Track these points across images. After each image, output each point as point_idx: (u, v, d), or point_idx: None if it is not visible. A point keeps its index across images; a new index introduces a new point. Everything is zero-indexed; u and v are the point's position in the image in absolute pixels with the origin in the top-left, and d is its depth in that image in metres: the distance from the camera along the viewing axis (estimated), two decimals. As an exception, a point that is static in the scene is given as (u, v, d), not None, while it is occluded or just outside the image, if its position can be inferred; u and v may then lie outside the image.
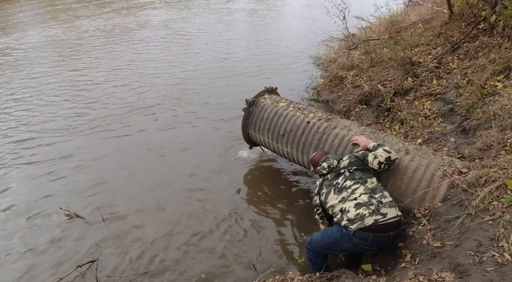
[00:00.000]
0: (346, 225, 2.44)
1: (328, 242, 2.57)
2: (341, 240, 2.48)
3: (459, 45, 4.96)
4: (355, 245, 2.44)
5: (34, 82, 7.09)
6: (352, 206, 2.47)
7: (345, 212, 2.49)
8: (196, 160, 4.53)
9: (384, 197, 2.49)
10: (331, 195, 2.65)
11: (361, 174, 2.67)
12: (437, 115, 4.14)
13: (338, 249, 2.58)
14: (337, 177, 2.71)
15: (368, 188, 2.55)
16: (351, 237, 2.41)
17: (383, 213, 2.39)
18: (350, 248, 2.49)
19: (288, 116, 3.71)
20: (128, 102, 6.08)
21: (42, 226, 3.51)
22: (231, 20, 12.26)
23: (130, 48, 9.07)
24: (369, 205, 2.43)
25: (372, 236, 2.38)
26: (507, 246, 2.01)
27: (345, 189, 2.60)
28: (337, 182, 2.68)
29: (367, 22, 9.10)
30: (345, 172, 2.71)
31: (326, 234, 2.61)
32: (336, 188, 2.65)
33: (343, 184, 2.64)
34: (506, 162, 2.57)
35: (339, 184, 2.66)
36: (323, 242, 2.61)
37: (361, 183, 2.59)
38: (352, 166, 2.73)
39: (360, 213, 2.41)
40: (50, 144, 4.92)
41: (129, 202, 3.82)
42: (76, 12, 13.55)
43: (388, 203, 2.46)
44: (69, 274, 2.91)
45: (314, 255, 2.69)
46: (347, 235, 2.43)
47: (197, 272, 2.98)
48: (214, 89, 6.60)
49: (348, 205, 2.50)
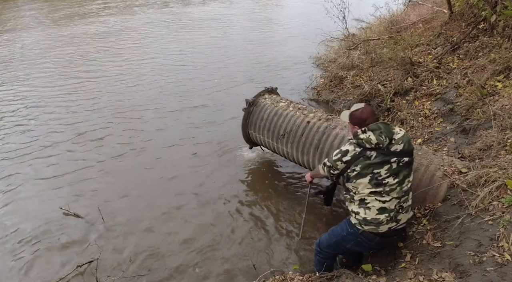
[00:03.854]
0: (357, 223, 2.32)
1: (335, 241, 2.50)
2: (347, 238, 2.43)
3: (459, 45, 4.96)
4: (359, 243, 2.39)
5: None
6: (376, 207, 2.25)
7: (365, 207, 2.27)
8: (196, 159, 4.53)
9: (407, 201, 2.32)
10: (363, 181, 2.26)
11: (407, 170, 2.29)
12: (437, 115, 4.15)
13: (343, 248, 2.52)
14: (382, 165, 2.22)
15: (402, 191, 2.28)
16: (357, 235, 2.36)
17: (398, 220, 2.29)
18: (353, 247, 2.45)
19: (288, 116, 3.71)
20: (127, 102, 6.09)
21: (42, 226, 3.51)
22: (230, 20, 12.26)
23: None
24: (391, 211, 2.25)
25: (378, 239, 2.34)
26: (507, 246, 2.01)
27: (383, 186, 2.24)
28: (379, 173, 2.23)
29: (367, 22, 9.11)
30: (393, 163, 2.24)
31: (333, 232, 2.54)
32: (374, 179, 2.24)
33: (384, 179, 2.23)
34: (506, 162, 2.57)
35: (381, 176, 2.23)
36: (330, 241, 2.54)
37: (399, 183, 2.26)
38: (404, 156, 2.26)
39: (379, 219, 2.25)
40: (50, 144, 4.92)
41: (129, 202, 3.81)
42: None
43: (407, 208, 2.33)
44: (69, 274, 2.91)
45: (324, 257, 2.61)
46: (354, 234, 2.37)
47: (198, 273, 2.98)
48: (214, 89, 6.61)
49: (373, 203, 2.25)
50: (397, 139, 2.25)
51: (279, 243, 3.26)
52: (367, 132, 2.25)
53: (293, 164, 4.05)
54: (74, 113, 5.73)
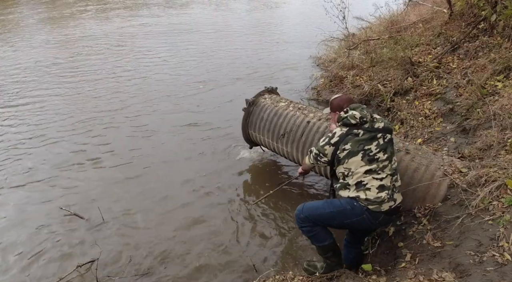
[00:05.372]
0: (361, 201, 2.25)
1: (330, 211, 2.32)
2: (350, 212, 2.27)
3: (459, 45, 4.96)
4: (363, 220, 2.28)
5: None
6: (375, 186, 2.25)
7: (364, 189, 2.26)
8: (196, 160, 4.53)
9: (397, 180, 2.38)
10: (356, 159, 2.27)
11: (391, 147, 2.36)
12: (437, 115, 4.15)
13: (338, 221, 2.34)
14: (370, 141, 2.29)
15: (392, 168, 2.32)
16: (363, 212, 2.25)
17: (395, 199, 2.32)
18: (354, 223, 2.31)
19: (288, 116, 3.71)
20: (126, 100, 6.09)
21: (42, 226, 3.51)
22: (230, 20, 12.26)
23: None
24: (388, 189, 2.27)
25: (382, 217, 2.30)
26: (507, 246, 2.01)
27: (376, 162, 2.27)
28: (369, 149, 2.27)
29: (367, 21, 9.11)
30: (379, 139, 2.31)
31: (332, 203, 2.35)
32: (366, 155, 2.27)
33: (376, 154, 2.27)
34: (506, 161, 2.57)
35: (372, 151, 2.27)
36: (323, 210, 2.34)
37: (389, 160, 2.30)
38: (387, 133, 2.34)
39: (381, 197, 2.24)
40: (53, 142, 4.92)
41: (129, 202, 3.81)
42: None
43: (398, 187, 2.38)
44: (69, 274, 2.91)
45: (310, 225, 2.37)
46: (359, 208, 2.25)
47: (197, 273, 2.98)
48: (213, 89, 6.61)
49: (371, 183, 2.25)
50: (378, 119, 2.39)
51: (279, 243, 3.26)
52: (349, 111, 2.38)
53: (293, 164, 4.06)
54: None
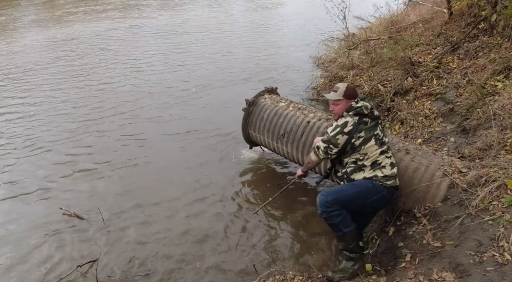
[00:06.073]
0: (378, 179, 2.47)
1: (356, 191, 2.45)
2: (372, 190, 2.45)
3: (459, 45, 4.96)
4: (383, 197, 2.47)
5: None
6: (388, 164, 2.52)
7: (380, 167, 2.50)
8: (195, 160, 4.53)
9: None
10: (371, 144, 2.50)
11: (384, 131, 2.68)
12: (437, 115, 4.15)
13: (361, 201, 2.46)
14: (375, 127, 2.55)
15: (390, 149, 2.66)
16: (383, 189, 2.46)
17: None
18: (374, 201, 2.47)
19: (288, 116, 3.71)
20: (124, 100, 6.09)
21: (42, 226, 3.51)
22: (230, 19, 12.26)
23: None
24: (395, 166, 2.57)
25: (396, 194, 2.58)
26: (507, 246, 2.01)
27: (384, 144, 2.56)
28: (377, 133, 2.54)
29: (367, 21, 9.11)
30: (380, 124, 2.59)
31: (353, 184, 2.51)
32: (378, 139, 2.52)
33: (382, 138, 2.56)
34: (506, 161, 2.58)
35: (380, 136, 2.54)
36: (347, 191, 2.46)
37: (388, 142, 2.62)
38: (380, 119, 2.64)
39: (395, 172, 2.53)
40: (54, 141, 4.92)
41: (129, 202, 3.81)
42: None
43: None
44: (69, 274, 2.91)
45: (338, 207, 2.39)
46: (379, 186, 2.46)
47: (197, 273, 2.97)
48: (213, 89, 6.60)
49: (385, 161, 2.51)
50: (373, 107, 2.63)
51: (279, 243, 3.26)
52: (359, 102, 2.57)
53: (293, 163, 4.06)
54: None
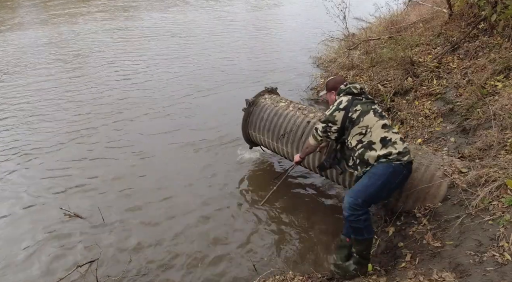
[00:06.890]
0: (395, 157, 2.31)
1: (382, 182, 2.29)
2: (394, 174, 2.30)
3: (459, 45, 4.96)
4: (404, 177, 2.39)
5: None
6: (398, 139, 2.39)
7: (391, 145, 2.35)
8: (196, 160, 4.53)
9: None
10: (370, 116, 2.41)
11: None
12: (437, 115, 4.15)
13: (387, 189, 2.36)
14: (372, 104, 2.50)
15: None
16: (402, 168, 2.33)
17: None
18: (398, 183, 2.38)
19: (288, 116, 3.71)
20: (123, 100, 6.10)
21: (42, 226, 3.51)
22: (229, 20, 12.26)
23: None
24: (405, 141, 2.47)
25: (411, 167, 2.47)
26: (507, 246, 2.01)
27: (386, 118, 2.46)
28: (375, 108, 2.46)
29: (367, 22, 9.11)
30: (376, 105, 2.55)
31: (374, 175, 2.31)
32: (376, 112, 2.44)
33: (381, 113, 2.48)
34: (506, 161, 2.57)
35: (378, 110, 2.47)
36: (374, 186, 2.28)
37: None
38: (377, 102, 2.64)
39: (407, 147, 2.41)
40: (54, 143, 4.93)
41: (129, 202, 3.81)
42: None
43: None
44: (69, 274, 2.91)
45: (366, 210, 2.27)
46: (398, 166, 2.31)
47: (197, 273, 2.97)
48: (213, 89, 6.61)
49: (394, 137, 2.38)
50: (362, 87, 2.64)
51: (279, 243, 3.26)
52: (348, 85, 2.64)
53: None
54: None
